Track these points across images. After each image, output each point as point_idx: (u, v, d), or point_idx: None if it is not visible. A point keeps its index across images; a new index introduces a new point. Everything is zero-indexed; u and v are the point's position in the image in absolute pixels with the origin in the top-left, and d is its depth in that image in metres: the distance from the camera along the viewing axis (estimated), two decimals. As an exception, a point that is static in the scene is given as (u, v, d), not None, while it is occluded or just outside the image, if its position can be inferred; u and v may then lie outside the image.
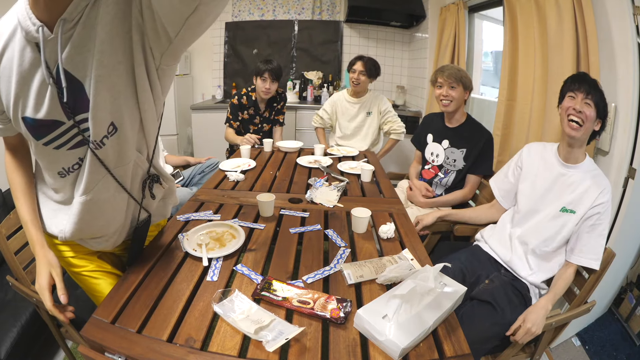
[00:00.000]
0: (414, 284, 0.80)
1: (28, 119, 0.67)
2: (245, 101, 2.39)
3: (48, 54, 0.61)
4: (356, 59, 2.35)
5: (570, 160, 1.22)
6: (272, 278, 0.91)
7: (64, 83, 0.62)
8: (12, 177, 0.83)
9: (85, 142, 0.71)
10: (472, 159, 1.73)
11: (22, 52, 0.62)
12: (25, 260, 1.21)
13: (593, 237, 1.13)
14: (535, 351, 1.18)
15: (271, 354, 0.69)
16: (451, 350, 0.74)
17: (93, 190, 0.77)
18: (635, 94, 1.35)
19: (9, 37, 0.63)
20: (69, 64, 0.63)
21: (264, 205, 1.27)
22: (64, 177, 0.76)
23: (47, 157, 0.74)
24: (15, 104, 0.66)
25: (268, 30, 3.70)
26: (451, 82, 1.69)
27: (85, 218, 0.79)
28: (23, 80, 0.64)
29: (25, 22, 0.60)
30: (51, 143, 0.70)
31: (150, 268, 0.96)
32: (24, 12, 0.60)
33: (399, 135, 2.45)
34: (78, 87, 0.65)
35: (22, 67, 0.63)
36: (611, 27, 1.42)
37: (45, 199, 0.84)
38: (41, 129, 0.68)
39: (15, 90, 0.64)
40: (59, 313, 0.80)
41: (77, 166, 0.75)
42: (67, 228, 0.80)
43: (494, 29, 2.73)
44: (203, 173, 2.18)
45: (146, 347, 0.71)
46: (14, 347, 1.25)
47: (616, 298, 1.73)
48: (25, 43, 0.62)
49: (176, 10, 0.57)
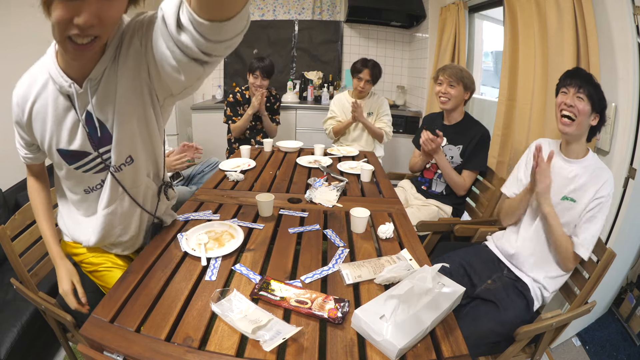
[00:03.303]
0: (411, 284, 0.80)
1: (63, 150, 0.85)
2: (240, 97, 2.42)
3: (79, 103, 0.79)
4: (362, 66, 2.33)
5: (572, 156, 1.22)
6: (270, 278, 0.91)
7: (97, 124, 0.82)
8: (35, 197, 1.00)
9: (106, 167, 0.89)
10: (467, 154, 1.74)
11: (55, 100, 0.79)
12: (29, 262, 1.21)
13: (590, 226, 1.14)
14: (535, 351, 1.18)
15: (268, 353, 0.70)
16: (449, 350, 0.73)
17: (113, 205, 0.95)
18: (635, 94, 1.35)
19: (41, 88, 0.80)
20: (95, 111, 0.80)
21: (263, 205, 1.27)
22: (88, 194, 0.94)
23: (76, 178, 0.91)
24: (50, 139, 0.83)
25: (268, 30, 3.70)
26: (451, 81, 1.71)
27: (107, 227, 0.98)
28: (57, 121, 0.81)
29: (58, 79, 0.77)
30: (80, 168, 0.88)
31: (149, 267, 0.97)
32: (55, 71, 0.77)
33: (386, 134, 2.45)
34: (101, 127, 0.83)
35: (57, 111, 0.80)
36: (611, 27, 1.42)
37: (70, 213, 1.01)
38: (73, 157, 0.86)
39: (51, 129, 0.82)
40: (82, 308, 0.98)
41: (99, 186, 0.93)
42: (92, 237, 0.98)
43: (494, 29, 2.73)
44: (203, 173, 2.19)
45: (144, 346, 0.71)
46: (14, 347, 1.25)
47: (616, 298, 1.73)
48: (58, 93, 0.79)
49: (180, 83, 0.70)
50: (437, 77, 1.77)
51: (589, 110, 1.14)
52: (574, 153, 1.22)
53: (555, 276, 1.22)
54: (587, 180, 1.17)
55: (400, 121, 3.31)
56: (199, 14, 0.54)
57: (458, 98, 1.73)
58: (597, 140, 1.49)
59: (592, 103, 1.13)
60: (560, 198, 1.20)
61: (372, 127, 2.41)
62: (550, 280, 1.22)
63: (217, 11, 0.53)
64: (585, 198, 1.16)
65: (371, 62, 2.34)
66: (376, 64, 2.35)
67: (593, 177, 1.16)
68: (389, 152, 2.89)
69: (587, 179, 1.17)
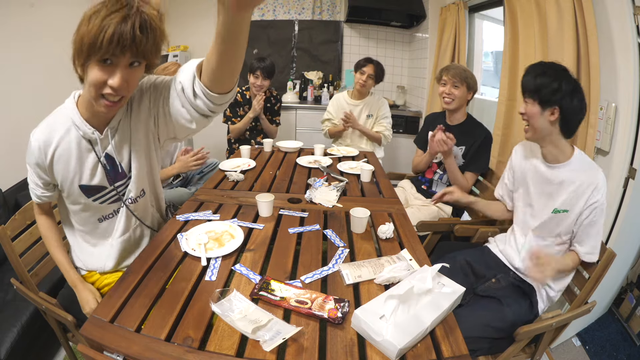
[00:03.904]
0: (411, 284, 0.80)
1: (84, 186, 0.98)
2: (240, 98, 2.42)
3: (100, 146, 0.95)
4: (366, 61, 2.32)
5: (552, 161, 1.17)
6: (270, 278, 0.91)
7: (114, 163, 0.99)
8: (48, 233, 1.10)
9: (119, 199, 1.04)
10: (469, 156, 1.74)
11: (79, 144, 0.94)
12: (29, 262, 1.20)
13: (591, 230, 1.11)
14: (535, 351, 1.18)
15: (268, 353, 0.70)
16: (449, 350, 0.73)
17: (128, 233, 1.10)
18: (635, 94, 1.35)
19: (64, 134, 0.93)
20: (115, 152, 0.97)
21: (263, 205, 1.27)
22: (101, 222, 1.06)
23: (92, 209, 1.03)
24: (73, 177, 0.96)
25: (268, 30, 3.70)
26: (455, 81, 1.71)
27: (122, 253, 1.10)
28: (80, 161, 0.95)
29: (82, 127, 0.92)
30: (97, 200, 1.02)
31: (149, 267, 0.97)
32: (79, 121, 0.91)
33: (385, 138, 2.45)
34: (118, 166, 1.00)
35: (80, 153, 0.94)
36: (611, 27, 1.42)
37: (81, 246, 1.11)
38: (92, 190, 0.99)
39: (74, 168, 0.95)
40: None
41: (111, 215, 1.06)
42: (108, 263, 1.09)
43: (494, 29, 2.73)
44: (202, 173, 2.18)
45: (144, 346, 0.71)
46: (14, 347, 1.25)
47: (616, 298, 1.73)
48: (81, 138, 0.93)
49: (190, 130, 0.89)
50: (441, 78, 1.76)
51: (537, 110, 1.09)
52: (553, 157, 1.16)
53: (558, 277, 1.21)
54: (576, 188, 1.11)
55: (400, 121, 3.31)
56: (210, 89, 0.78)
57: (462, 98, 1.73)
58: (597, 141, 1.49)
59: (539, 100, 1.07)
60: (552, 211, 1.16)
61: (370, 133, 2.42)
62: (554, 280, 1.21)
63: (221, 88, 0.79)
64: (577, 206, 1.11)
65: (376, 61, 2.34)
66: (380, 64, 2.35)
67: (583, 182, 1.10)
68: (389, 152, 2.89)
69: (576, 187, 1.11)
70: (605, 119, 1.45)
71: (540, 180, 1.21)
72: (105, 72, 0.77)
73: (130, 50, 0.75)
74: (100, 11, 0.72)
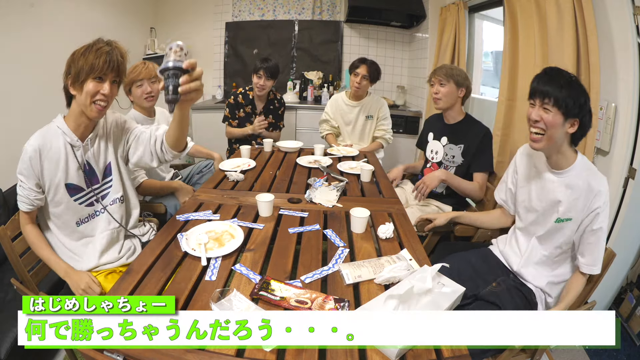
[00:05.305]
0: (411, 284, 0.80)
1: (69, 184, 1.14)
2: (242, 99, 2.41)
3: (81, 152, 1.15)
4: (359, 62, 2.32)
5: (556, 167, 1.14)
6: (270, 278, 0.91)
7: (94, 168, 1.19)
8: (36, 240, 1.17)
9: (97, 201, 1.21)
10: (471, 155, 1.73)
11: (65, 148, 1.12)
12: (29, 262, 1.20)
13: (594, 240, 1.09)
14: (535, 351, 1.18)
15: (268, 353, 0.70)
16: (449, 350, 0.73)
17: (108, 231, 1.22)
18: (635, 94, 1.35)
19: (55, 139, 1.11)
20: (91, 159, 1.17)
21: (263, 205, 1.27)
22: (79, 226, 1.19)
23: (72, 210, 1.16)
24: (60, 175, 1.12)
25: (268, 30, 3.70)
26: (441, 79, 1.71)
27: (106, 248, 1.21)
28: (66, 163, 1.12)
29: (70, 135, 1.12)
30: (77, 200, 1.17)
31: (149, 267, 0.97)
32: (67, 130, 1.12)
33: (386, 141, 2.46)
34: (94, 171, 1.19)
35: (67, 156, 1.12)
36: (611, 27, 1.42)
37: (64, 256, 1.18)
38: (74, 190, 1.16)
39: (63, 168, 1.12)
40: None
41: (87, 219, 1.20)
42: (91, 261, 1.18)
43: (494, 29, 2.73)
44: (201, 173, 2.18)
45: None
46: (14, 347, 1.25)
47: (616, 298, 1.72)
48: (67, 143, 1.12)
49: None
50: (430, 80, 1.78)
51: (560, 120, 1.02)
52: (556, 165, 1.13)
53: (558, 282, 1.21)
54: (578, 196, 1.08)
55: (400, 121, 3.31)
56: (172, 148, 1.14)
57: (450, 95, 1.71)
58: (596, 141, 1.49)
59: (564, 111, 1.01)
60: (555, 221, 1.14)
61: (370, 147, 2.43)
62: (553, 286, 1.21)
63: (178, 148, 1.15)
64: (580, 214, 1.09)
65: (369, 60, 2.33)
66: (374, 63, 2.34)
67: (585, 188, 1.07)
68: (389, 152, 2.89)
69: (577, 194, 1.08)
70: (605, 119, 1.45)
71: (544, 186, 1.19)
72: (98, 85, 1.05)
73: (115, 70, 1.06)
74: (91, 47, 1.04)
